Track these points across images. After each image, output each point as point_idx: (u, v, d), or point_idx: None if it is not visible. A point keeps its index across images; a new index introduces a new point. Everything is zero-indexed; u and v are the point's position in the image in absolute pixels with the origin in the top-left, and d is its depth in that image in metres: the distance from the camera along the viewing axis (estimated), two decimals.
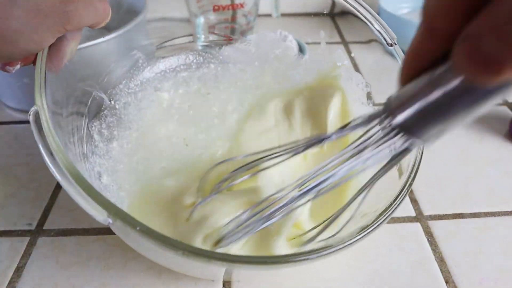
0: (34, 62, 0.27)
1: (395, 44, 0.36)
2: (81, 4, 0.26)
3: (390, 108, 0.20)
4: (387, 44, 0.36)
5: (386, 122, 0.20)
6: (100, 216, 0.22)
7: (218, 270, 0.29)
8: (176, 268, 0.32)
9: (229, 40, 0.62)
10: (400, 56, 0.36)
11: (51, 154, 0.23)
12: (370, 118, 0.21)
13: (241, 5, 0.60)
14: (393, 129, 0.20)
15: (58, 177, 0.23)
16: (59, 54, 0.28)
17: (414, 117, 0.18)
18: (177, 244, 0.21)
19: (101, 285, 0.33)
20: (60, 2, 0.25)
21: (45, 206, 0.40)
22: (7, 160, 0.46)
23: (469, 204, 0.40)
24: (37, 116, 0.24)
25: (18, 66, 0.27)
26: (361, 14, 0.39)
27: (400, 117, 0.19)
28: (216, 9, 0.60)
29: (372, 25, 0.38)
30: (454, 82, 0.16)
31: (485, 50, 0.14)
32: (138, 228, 0.22)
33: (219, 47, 0.63)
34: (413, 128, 0.19)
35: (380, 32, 0.37)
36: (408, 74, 0.19)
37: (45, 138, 0.24)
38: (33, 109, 0.24)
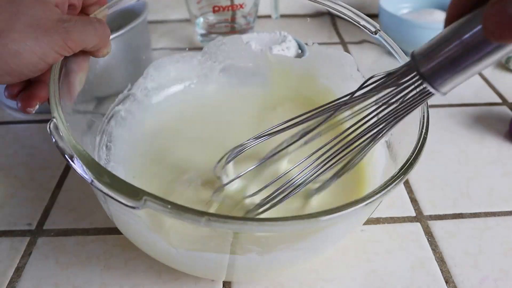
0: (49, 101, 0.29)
1: (379, 30, 0.37)
2: (79, 23, 0.27)
3: (415, 60, 0.22)
4: (372, 32, 0.37)
5: (410, 73, 0.23)
6: (132, 203, 0.22)
7: (221, 268, 0.29)
8: (181, 266, 0.32)
9: (231, 27, 0.62)
10: (388, 41, 0.36)
11: (74, 158, 0.24)
12: (392, 73, 0.24)
13: (241, 6, 0.60)
14: (416, 79, 0.22)
15: (88, 177, 0.24)
16: (70, 86, 0.29)
17: (438, 66, 0.21)
18: (201, 213, 0.22)
19: (101, 285, 0.33)
20: (58, 20, 0.26)
21: (45, 206, 0.40)
22: (7, 160, 0.46)
23: (469, 204, 0.40)
24: (55, 126, 0.25)
25: (37, 106, 0.28)
26: (338, 11, 0.39)
27: (425, 67, 0.22)
28: (216, 10, 0.60)
29: (353, 19, 0.38)
30: (477, 33, 0.20)
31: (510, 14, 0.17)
32: (169, 206, 0.22)
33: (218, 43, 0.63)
34: (435, 76, 0.22)
35: (363, 25, 0.38)
36: (452, 16, 0.21)
37: (67, 145, 0.25)
38: (50, 121, 0.25)
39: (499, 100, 0.54)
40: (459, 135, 0.48)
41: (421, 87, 0.23)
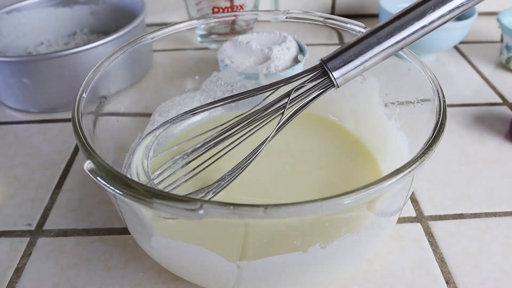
0: None
1: (365, 28, 0.38)
2: None
3: (323, 61, 0.29)
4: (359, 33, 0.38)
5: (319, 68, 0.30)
6: (194, 213, 0.22)
7: (230, 279, 0.29)
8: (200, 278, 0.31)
9: (231, 28, 0.62)
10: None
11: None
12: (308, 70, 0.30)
13: (241, 7, 0.60)
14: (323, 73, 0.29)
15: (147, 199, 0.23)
16: None
17: (340, 62, 0.29)
18: (257, 205, 0.22)
19: (101, 286, 0.33)
20: None
21: (45, 207, 0.40)
22: (7, 160, 0.46)
23: (469, 205, 0.40)
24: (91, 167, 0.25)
25: None
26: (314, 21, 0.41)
27: (331, 63, 0.29)
28: (216, 11, 0.60)
29: (339, 26, 0.40)
30: None
31: None
32: (231, 207, 0.22)
33: (218, 43, 0.63)
34: (336, 70, 0.29)
35: (351, 28, 0.39)
36: None
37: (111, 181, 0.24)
38: (86, 164, 0.25)
39: (499, 100, 0.54)
40: (459, 135, 0.48)
41: (325, 78, 0.29)
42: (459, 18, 0.61)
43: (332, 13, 0.76)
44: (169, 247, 0.29)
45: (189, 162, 0.34)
